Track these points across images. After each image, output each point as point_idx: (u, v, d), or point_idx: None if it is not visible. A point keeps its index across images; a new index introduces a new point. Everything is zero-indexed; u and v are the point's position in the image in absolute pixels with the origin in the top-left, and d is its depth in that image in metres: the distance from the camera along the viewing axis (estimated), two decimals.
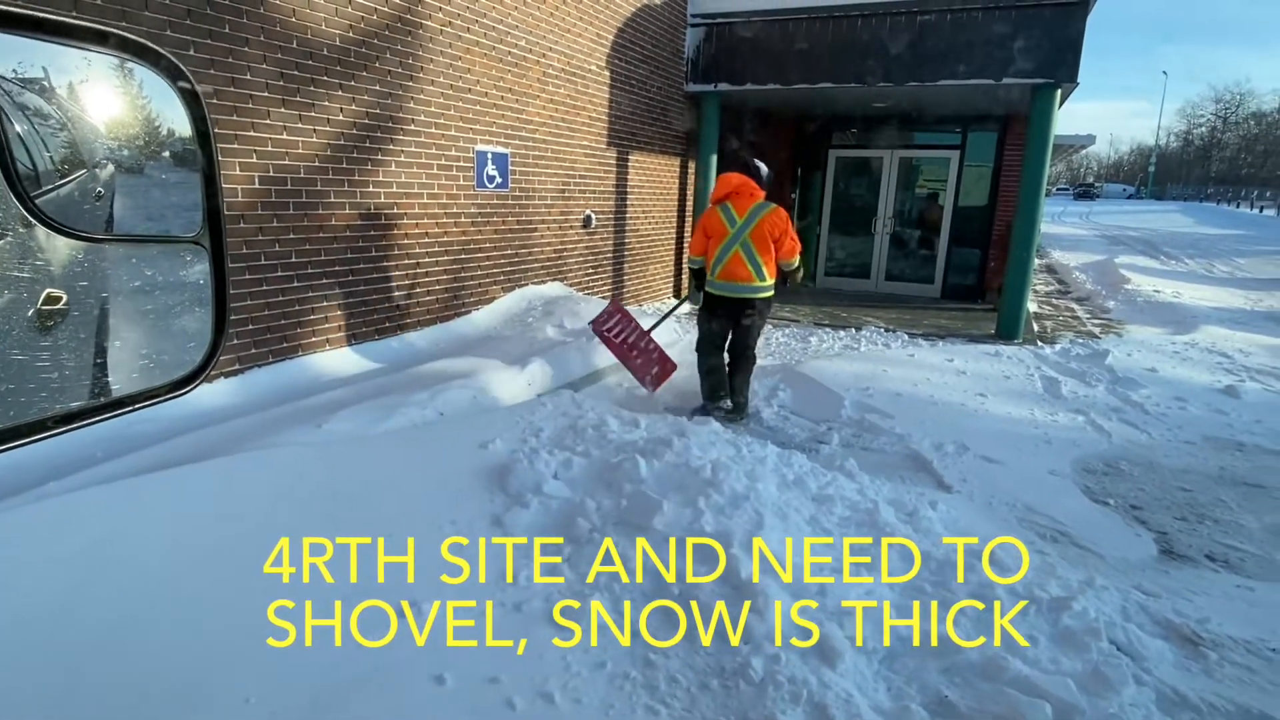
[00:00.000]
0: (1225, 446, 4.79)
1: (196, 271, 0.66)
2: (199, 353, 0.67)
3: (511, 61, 5.95)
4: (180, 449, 3.09)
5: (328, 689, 1.90)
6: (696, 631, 2.23)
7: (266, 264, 4.17)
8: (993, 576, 2.65)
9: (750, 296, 4.81)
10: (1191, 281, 13.99)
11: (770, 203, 4.83)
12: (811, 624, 2.25)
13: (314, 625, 2.08)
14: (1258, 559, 3.32)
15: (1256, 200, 47.13)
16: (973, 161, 10.63)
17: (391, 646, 2.07)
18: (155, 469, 2.62)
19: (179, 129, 0.62)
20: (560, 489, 2.91)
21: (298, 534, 2.45)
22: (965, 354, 6.49)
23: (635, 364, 5.23)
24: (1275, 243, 24.21)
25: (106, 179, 0.61)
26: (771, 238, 4.73)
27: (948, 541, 2.93)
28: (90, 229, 0.59)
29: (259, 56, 3.97)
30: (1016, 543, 3.05)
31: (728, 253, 4.77)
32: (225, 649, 1.97)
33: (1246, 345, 7.84)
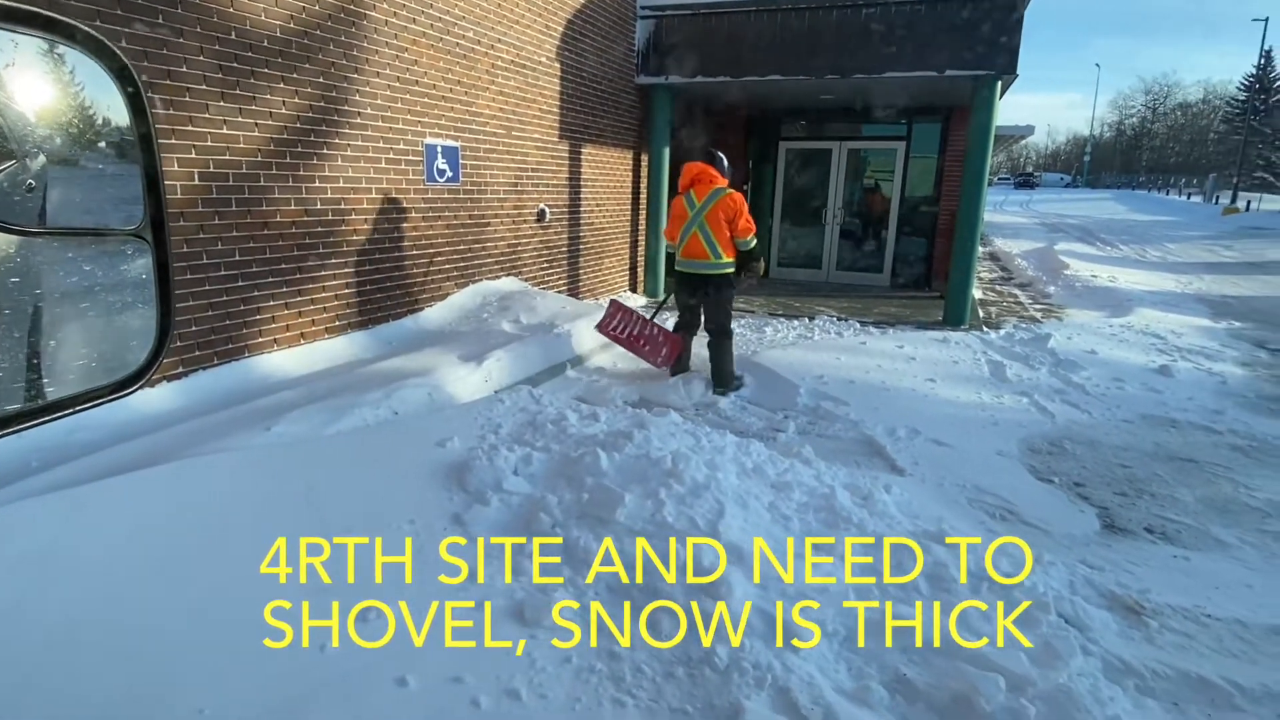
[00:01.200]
0: (1160, 424, 5.01)
1: (138, 266, 0.63)
2: (142, 351, 0.64)
3: (460, 53, 5.86)
4: (123, 456, 2.98)
5: (287, 696, 1.86)
6: (663, 623, 2.25)
7: (209, 263, 4.03)
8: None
9: (707, 273, 5.28)
10: (1126, 266, 14.57)
11: (727, 189, 5.24)
12: (774, 609, 2.29)
13: (273, 630, 2.03)
14: (1192, 530, 3.49)
15: (1184, 188, 49.19)
16: (918, 153, 10.87)
17: (354, 650, 2.03)
18: (97, 477, 2.52)
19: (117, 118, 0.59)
20: (521, 485, 2.89)
21: (248, 540, 2.39)
22: (915, 341, 6.64)
23: (645, 351, 5.60)
24: (1201, 228, 25.35)
25: (38, 170, 0.57)
26: (725, 219, 5.15)
27: (902, 526, 3.00)
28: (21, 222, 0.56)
29: (195, 48, 3.82)
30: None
31: (687, 234, 5.28)
32: (177, 658, 1.91)
33: (1178, 326, 8.21)
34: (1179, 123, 68.04)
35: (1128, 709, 2.07)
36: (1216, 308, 10.02)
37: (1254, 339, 7.98)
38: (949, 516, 3.30)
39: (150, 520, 2.41)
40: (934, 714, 2.03)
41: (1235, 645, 2.51)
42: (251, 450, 3.07)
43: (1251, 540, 3.39)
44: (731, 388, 5.33)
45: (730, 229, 5.18)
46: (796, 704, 1.97)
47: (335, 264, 4.91)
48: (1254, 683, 2.27)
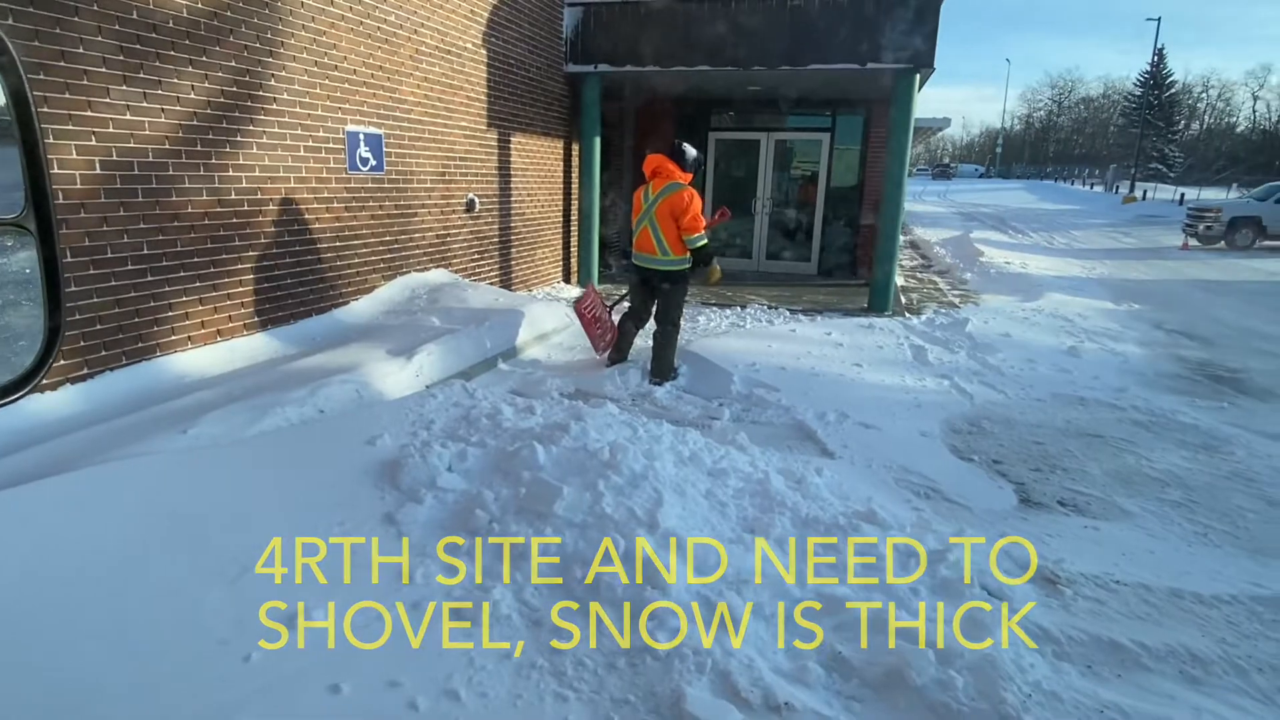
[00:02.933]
0: (1070, 401, 5.29)
1: (21, 259, 0.57)
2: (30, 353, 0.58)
3: (381, 38, 5.67)
4: (22, 465, 2.79)
5: (214, 704, 1.78)
6: (601, 615, 2.25)
7: (114, 257, 3.80)
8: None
9: (653, 268, 5.36)
10: (1036, 253, 15.33)
11: (679, 184, 5.28)
12: (713, 595, 2.32)
13: (196, 640, 1.94)
14: (1101, 501, 3.70)
15: (1087, 178, 52.02)
16: (842, 144, 11.13)
17: (282, 656, 1.96)
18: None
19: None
20: (456, 481, 2.84)
21: (163, 551, 2.27)
22: (842, 327, 6.83)
23: (595, 333, 5.77)
24: (1103, 216, 26.90)
25: None
26: (672, 216, 5.18)
27: (834, 507, 3.09)
28: None
29: (93, 28, 3.58)
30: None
31: (639, 227, 5.36)
32: (92, 678, 1.80)
33: (1084, 310, 8.69)
34: (1082, 116, 71.90)
35: (1047, 674, 2.18)
36: (1118, 291, 10.65)
37: (1151, 320, 8.53)
38: (878, 496, 3.41)
39: (52, 534, 2.26)
40: (869, 689, 2.09)
41: (1141, 608, 2.68)
42: (166, 455, 2.92)
43: (1152, 509, 3.62)
44: (668, 379, 5.34)
45: (677, 225, 5.20)
46: (737, 687, 2.00)
47: (252, 257, 4.69)
48: (1158, 643, 2.43)
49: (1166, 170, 48.89)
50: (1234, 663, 2.37)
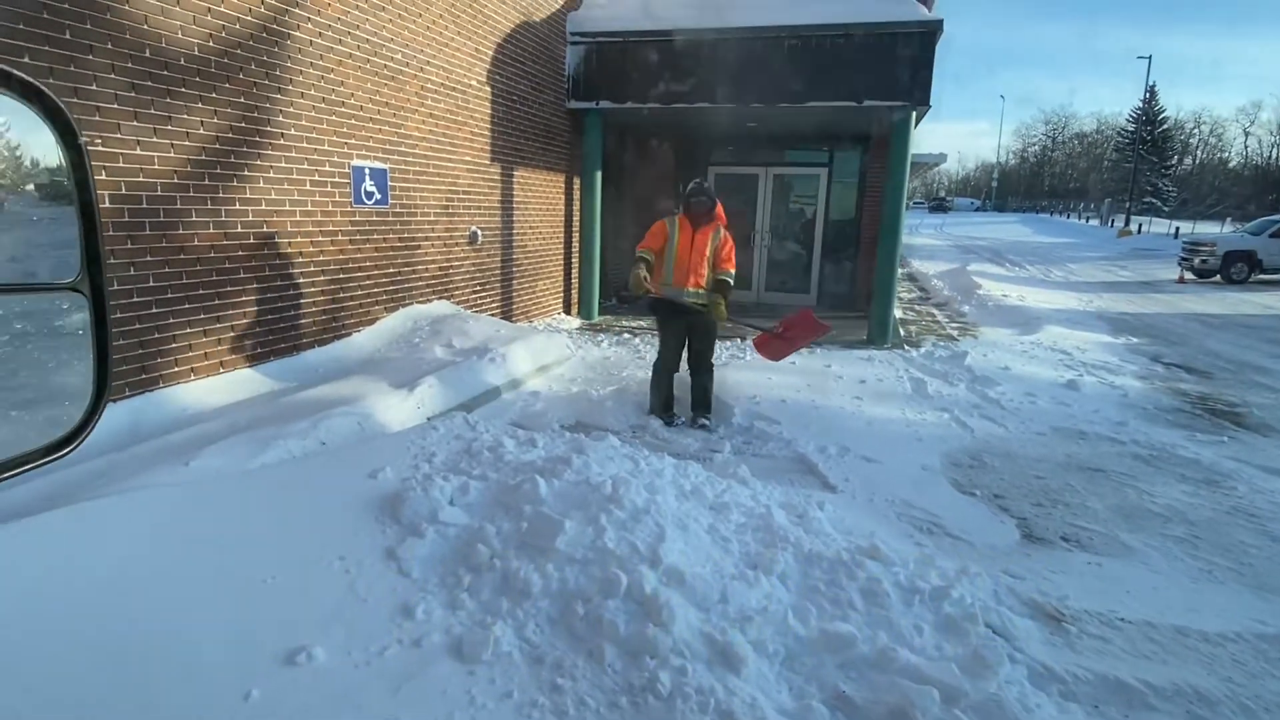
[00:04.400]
0: (1070, 435, 5.30)
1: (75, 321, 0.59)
2: (78, 410, 0.60)
3: (388, 75, 5.78)
4: (24, 497, 2.78)
5: None
6: (604, 652, 2.23)
7: (120, 289, 3.83)
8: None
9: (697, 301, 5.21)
10: (1033, 286, 15.42)
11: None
12: (716, 633, 2.30)
13: (193, 680, 1.92)
14: (1104, 537, 3.69)
15: (1082, 212, 52.53)
16: (840, 178, 11.29)
17: (282, 694, 1.94)
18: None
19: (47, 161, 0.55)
20: (457, 516, 2.83)
21: (162, 587, 2.26)
22: (841, 360, 6.85)
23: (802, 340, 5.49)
24: (1099, 249, 27.12)
25: None
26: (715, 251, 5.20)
27: (837, 542, 3.07)
28: None
29: (106, 65, 3.65)
30: None
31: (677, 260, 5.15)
32: (90, 714, 1.78)
33: (1082, 343, 8.73)
34: (1076, 151, 72.80)
35: (1053, 714, 2.16)
36: (1116, 324, 10.71)
37: (1150, 354, 8.56)
38: (880, 531, 3.40)
39: (52, 568, 2.25)
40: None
41: (1146, 646, 2.66)
42: (167, 488, 2.91)
43: (1155, 544, 3.61)
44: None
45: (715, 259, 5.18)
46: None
47: (257, 289, 4.73)
48: (1165, 681, 2.41)
49: (1161, 204, 49.41)
50: (1241, 703, 2.35)
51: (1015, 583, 3.05)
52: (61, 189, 0.56)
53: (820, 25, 7.89)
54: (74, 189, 0.56)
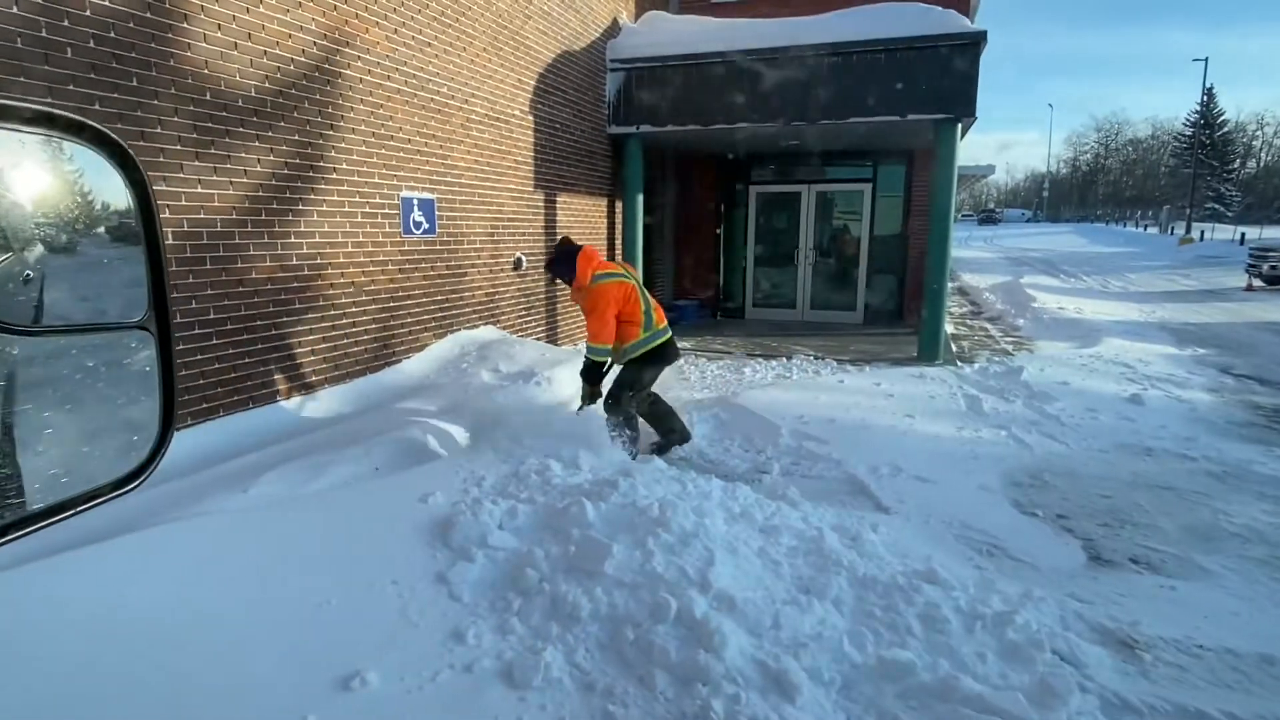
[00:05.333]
0: (1136, 452, 5.08)
1: (142, 358, 0.61)
2: (145, 445, 0.61)
3: (434, 108, 5.93)
4: (94, 522, 2.88)
5: None
6: (656, 679, 2.20)
7: (182, 322, 3.98)
8: None
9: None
10: (1090, 297, 14.94)
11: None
12: (769, 659, 2.25)
13: (250, 704, 1.96)
14: (1176, 559, 3.51)
15: (1140, 220, 50.87)
16: (885, 193, 11.15)
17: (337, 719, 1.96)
18: (65, 548, 2.43)
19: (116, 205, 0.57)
20: (506, 539, 2.84)
21: (227, 608, 2.31)
22: (891, 377, 6.71)
23: None
24: (1159, 258, 26.17)
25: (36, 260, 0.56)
26: None
27: (892, 566, 2.99)
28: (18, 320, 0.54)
29: (170, 109, 3.83)
30: None
31: (650, 302, 4.77)
32: None
33: (1145, 355, 8.40)
34: (1131, 158, 70.73)
35: None
36: (1180, 335, 10.29)
37: (1218, 365, 8.19)
38: (937, 554, 3.30)
39: (124, 593, 2.32)
40: None
41: (1229, 675, 2.51)
42: (228, 514, 3.00)
43: (1234, 567, 3.42)
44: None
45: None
46: None
47: (311, 319, 4.87)
48: (1250, 713, 2.27)
49: (1224, 210, 47.57)
50: None
51: (1083, 607, 2.92)
52: (129, 231, 0.58)
53: (860, 41, 7.85)
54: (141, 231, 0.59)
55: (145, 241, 0.59)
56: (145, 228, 0.59)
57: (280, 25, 4.44)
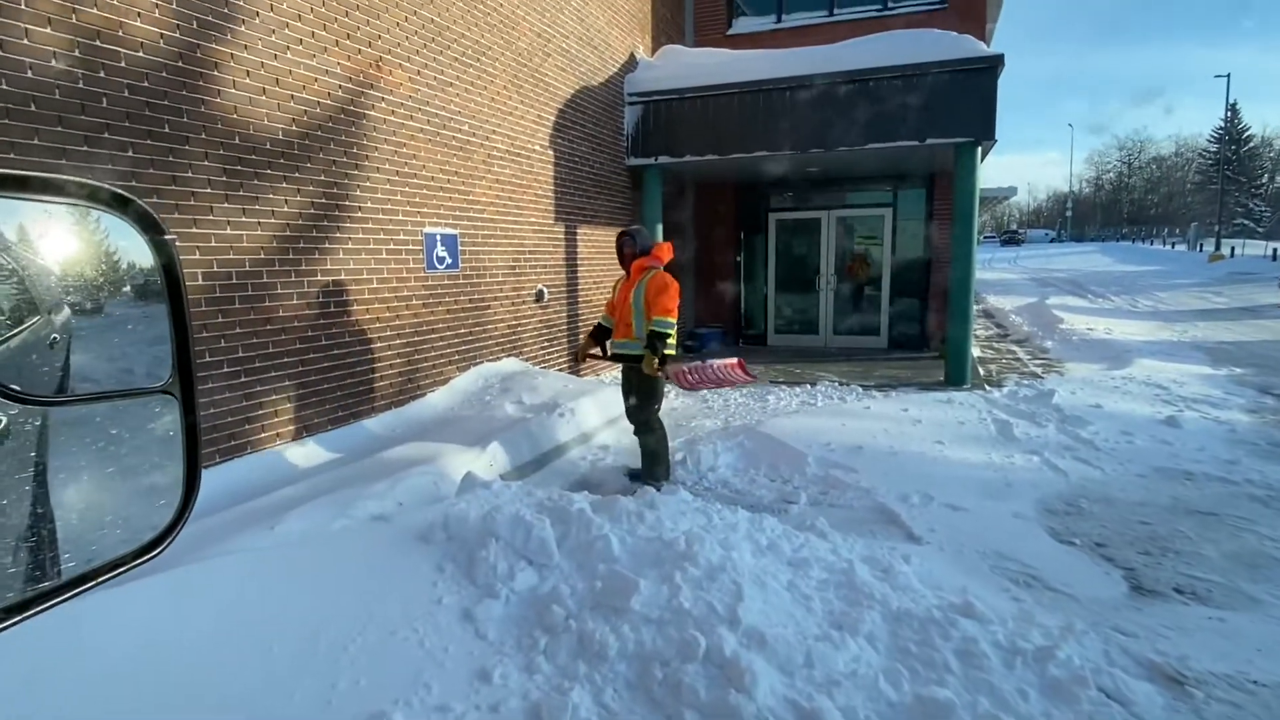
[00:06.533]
0: (1175, 477, 4.93)
1: (166, 423, 0.60)
2: (168, 511, 0.61)
3: (456, 145, 6.04)
4: None
5: None
6: (684, 719, 2.15)
7: (211, 360, 4.04)
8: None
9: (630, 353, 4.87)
10: (1119, 317, 14.69)
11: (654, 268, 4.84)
12: (802, 699, 2.19)
13: None
14: (1224, 588, 3.38)
15: (1167, 237, 50.16)
16: (906, 216, 11.11)
17: None
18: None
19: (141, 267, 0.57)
20: (531, 576, 2.81)
21: (253, 649, 2.30)
22: (919, 403, 6.61)
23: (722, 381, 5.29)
24: (1189, 275, 25.72)
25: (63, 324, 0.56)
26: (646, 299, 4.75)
27: (926, 599, 2.91)
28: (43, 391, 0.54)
29: (200, 154, 3.94)
30: None
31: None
32: None
33: (1179, 376, 8.20)
34: (1155, 175, 69.96)
35: None
36: (1215, 355, 10.05)
37: (1257, 385, 7.97)
38: (973, 586, 3.21)
39: (153, 634, 2.32)
40: None
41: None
42: (255, 552, 3.00)
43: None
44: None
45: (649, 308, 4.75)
46: None
47: (337, 355, 4.92)
48: None
49: (1254, 225, 46.79)
50: None
51: (1128, 641, 2.81)
52: (153, 293, 0.58)
53: (877, 68, 7.88)
54: (166, 294, 0.59)
55: (170, 305, 0.59)
56: (170, 291, 0.59)
57: (307, 70, 4.56)
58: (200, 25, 3.89)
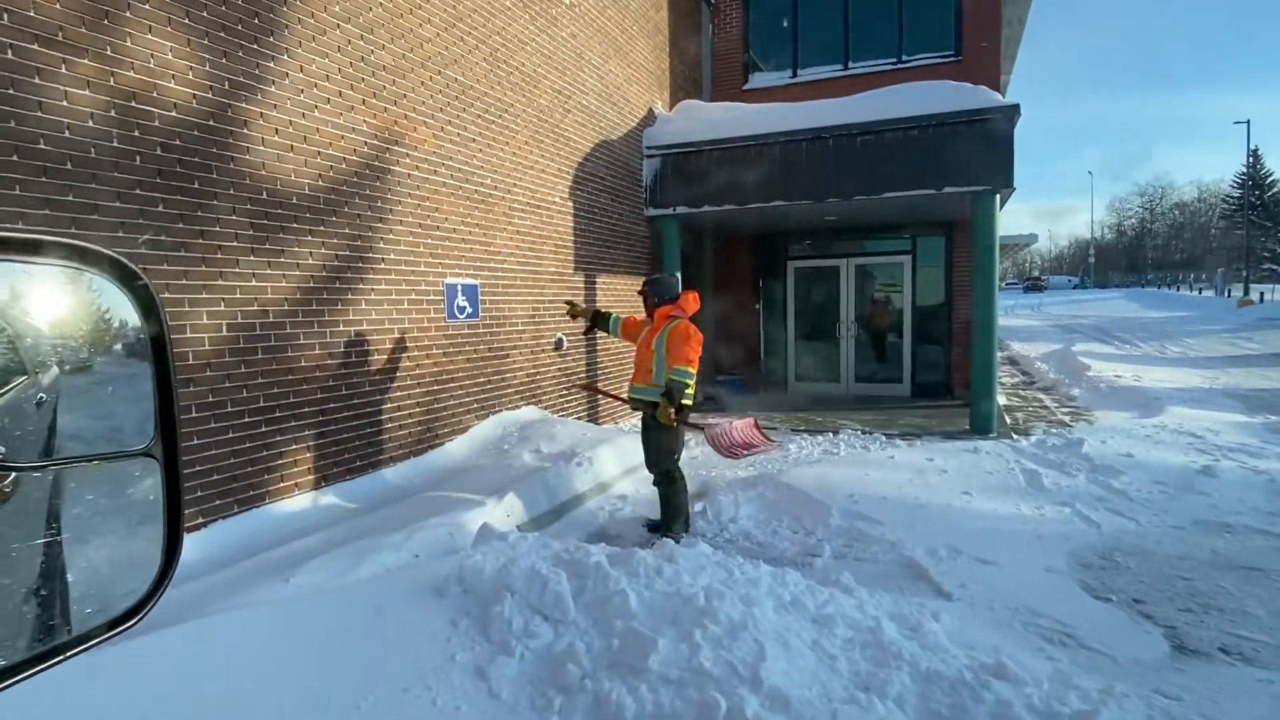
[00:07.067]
0: (1214, 529, 4.76)
1: (145, 486, 0.58)
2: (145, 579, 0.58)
3: (478, 198, 6.15)
4: None
5: None
6: None
7: (233, 410, 4.07)
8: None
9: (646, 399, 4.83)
10: (1148, 364, 14.42)
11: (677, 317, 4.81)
12: None
13: None
14: (1272, 649, 3.21)
15: (1194, 283, 49.59)
16: (926, 263, 11.09)
17: None
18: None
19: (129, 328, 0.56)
20: (546, 632, 2.75)
21: (266, 707, 2.25)
22: (944, 452, 6.49)
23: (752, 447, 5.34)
24: (1218, 321, 25.30)
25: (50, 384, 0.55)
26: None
27: (957, 659, 2.79)
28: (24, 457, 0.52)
29: (228, 208, 4.04)
30: None
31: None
32: None
33: (1213, 424, 7.98)
34: (1178, 221, 69.51)
35: None
36: (1250, 402, 9.80)
37: None
38: (1005, 644, 3.07)
39: (167, 687, 2.28)
40: None
41: None
42: (270, 605, 2.97)
43: None
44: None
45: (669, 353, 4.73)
46: None
47: (357, 404, 4.94)
48: None
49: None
50: None
51: (1172, 705, 2.67)
52: (139, 354, 0.57)
53: (893, 119, 7.98)
54: (151, 355, 0.57)
55: (154, 365, 0.58)
56: (155, 353, 0.58)
57: (334, 128, 4.70)
58: (232, 86, 4.04)
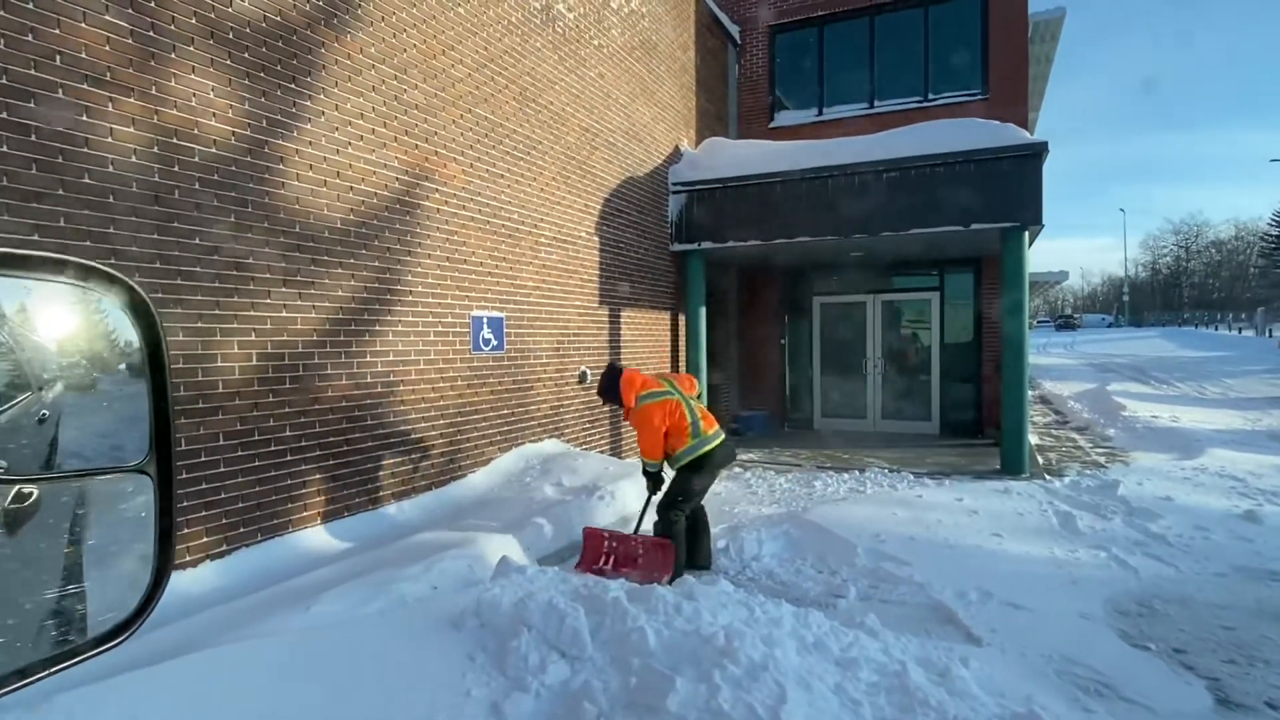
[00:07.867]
0: (1258, 576, 4.57)
1: (138, 504, 0.58)
2: (134, 596, 0.58)
3: (505, 233, 6.24)
4: (152, 644, 2.89)
5: None
6: None
7: (259, 439, 4.12)
8: None
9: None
10: (1186, 405, 14.04)
11: None
12: None
13: None
14: None
15: (1232, 322, 48.47)
16: (954, 300, 10.98)
17: None
18: (121, 670, 2.43)
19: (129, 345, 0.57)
20: (563, 668, 2.70)
21: None
22: (974, 492, 6.35)
23: (642, 572, 4.56)
24: (1259, 362, 24.60)
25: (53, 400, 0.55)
26: None
27: (988, 708, 2.69)
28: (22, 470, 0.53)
29: (262, 241, 4.14)
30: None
31: (696, 413, 4.83)
32: None
33: (1256, 467, 7.72)
34: (1215, 259, 68.22)
35: None
36: None
37: None
38: (1038, 694, 2.96)
39: (180, 716, 2.28)
40: None
41: None
42: (289, 635, 2.96)
43: None
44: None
45: None
46: None
47: (381, 435, 4.98)
48: None
49: None
50: None
51: None
52: (139, 371, 0.57)
53: (920, 156, 7.97)
54: (148, 372, 0.58)
55: (151, 381, 0.58)
56: (153, 370, 0.58)
57: (366, 164, 4.82)
58: (269, 123, 4.17)
